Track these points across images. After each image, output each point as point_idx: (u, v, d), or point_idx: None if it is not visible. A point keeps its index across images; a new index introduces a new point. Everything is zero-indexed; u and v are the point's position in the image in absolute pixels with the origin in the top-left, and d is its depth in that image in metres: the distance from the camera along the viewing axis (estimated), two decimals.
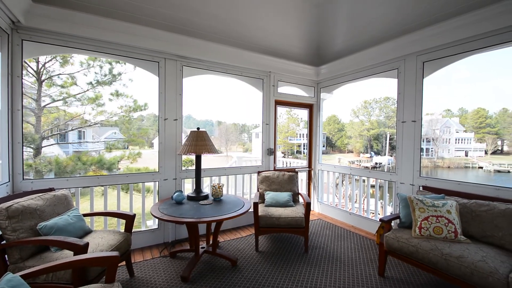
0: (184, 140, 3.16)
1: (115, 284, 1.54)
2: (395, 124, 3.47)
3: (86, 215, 2.49)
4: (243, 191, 4.26)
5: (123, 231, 2.42)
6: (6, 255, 1.88)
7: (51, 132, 7.66)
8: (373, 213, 4.00)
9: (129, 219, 2.43)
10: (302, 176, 4.98)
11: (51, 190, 2.44)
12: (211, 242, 2.95)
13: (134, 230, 3.04)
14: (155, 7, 3.01)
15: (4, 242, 1.85)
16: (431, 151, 29.03)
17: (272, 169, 4.33)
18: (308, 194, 4.98)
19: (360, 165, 28.84)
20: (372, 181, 3.93)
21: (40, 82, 6.94)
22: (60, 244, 1.80)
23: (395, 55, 3.37)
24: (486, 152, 28.27)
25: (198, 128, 3.06)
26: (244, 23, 3.65)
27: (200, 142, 2.90)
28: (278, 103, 4.46)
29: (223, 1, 3.25)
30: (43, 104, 7.17)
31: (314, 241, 3.43)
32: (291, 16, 3.83)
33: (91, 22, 2.71)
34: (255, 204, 3.05)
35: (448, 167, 27.64)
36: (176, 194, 2.83)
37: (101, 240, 2.13)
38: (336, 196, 4.65)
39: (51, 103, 7.32)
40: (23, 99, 2.58)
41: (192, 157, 3.41)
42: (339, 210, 4.34)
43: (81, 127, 8.17)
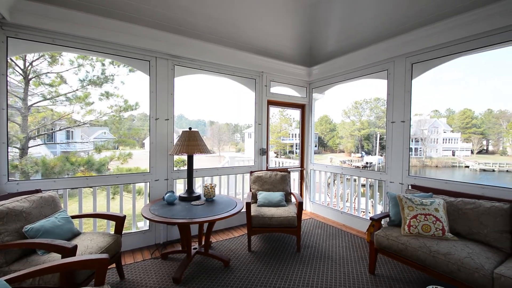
0: (175, 140, 3.13)
1: (105, 287, 1.51)
2: (385, 124, 3.53)
3: (74, 217, 2.43)
4: (235, 191, 4.26)
5: (113, 233, 2.38)
6: None
7: (38, 132, 7.45)
8: (363, 211, 4.07)
9: (119, 220, 2.39)
10: (295, 176, 5.01)
11: (37, 191, 2.38)
12: (203, 243, 2.93)
13: (124, 231, 2.99)
14: (146, 5, 2.98)
15: None
16: (420, 150, 29.72)
17: (265, 169, 4.34)
18: (301, 194, 5.01)
19: (351, 164, 29.22)
20: (363, 180, 3.99)
21: (27, 80, 6.73)
22: (47, 247, 1.76)
23: (385, 56, 3.43)
24: (472, 152, 29.13)
25: (190, 128, 3.04)
26: (237, 23, 3.65)
27: (192, 142, 2.88)
28: (271, 103, 4.47)
29: (216, 0, 3.24)
30: (30, 103, 6.96)
31: (306, 240, 3.45)
32: (284, 16, 3.86)
33: (80, 19, 2.65)
34: (248, 204, 3.05)
35: (436, 167, 28.35)
36: (167, 194, 2.80)
37: (90, 242, 2.09)
38: (328, 196, 4.70)
39: (38, 102, 7.11)
40: (8, 98, 2.50)
41: (184, 157, 3.38)
42: (331, 209, 4.39)
43: (69, 127, 7.97)
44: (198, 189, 5.39)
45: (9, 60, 2.53)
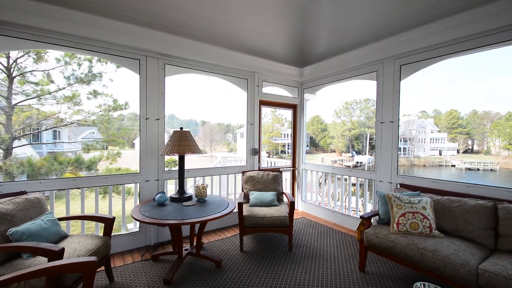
0: (166, 140, 3.09)
1: None
2: (375, 124, 3.60)
3: (61, 219, 2.37)
4: (227, 191, 4.24)
5: (102, 235, 2.33)
6: None
7: (23, 132, 7.21)
8: (354, 210, 4.13)
9: (108, 222, 2.34)
10: (287, 176, 5.03)
11: (22, 193, 2.30)
12: (195, 244, 2.91)
13: (113, 233, 2.95)
14: (136, 3, 2.93)
15: None
16: (408, 150, 30.45)
17: (257, 169, 4.34)
18: (292, 193, 5.04)
19: (342, 164, 29.63)
20: (354, 179, 4.06)
21: (11, 78, 6.51)
22: (33, 250, 1.70)
23: (374, 58, 3.49)
24: (458, 151, 30.06)
25: (182, 128, 3.01)
26: (229, 23, 3.64)
27: (183, 142, 2.86)
28: (263, 103, 4.48)
29: (209, 0, 3.22)
30: (14, 102, 6.73)
31: (298, 239, 3.48)
32: (276, 17, 3.87)
33: (66, 16, 2.59)
34: (240, 204, 3.04)
35: (424, 166, 29.10)
36: (158, 195, 2.77)
37: (78, 245, 2.04)
38: (319, 195, 4.74)
39: (23, 101, 6.88)
40: None
41: (176, 157, 3.34)
42: (322, 208, 4.44)
43: (56, 127, 7.75)
44: (190, 189, 5.34)
45: None
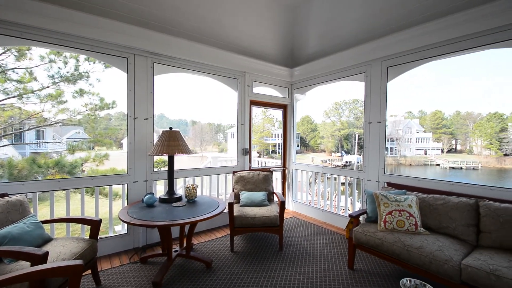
0: (155, 140, 3.05)
1: None
2: (363, 124, 3.67)
3: (45, 222, 2.29)
4: (218, 191, 4.22)
5: (88, 238, 2.27)
6: None
7: (5, 132, 6.93)
8: (343, 209, 4.19)
9: (94, 224, 2.28)
10: (277, 176, 5.06)
11: (4, 195, 2.21)
12: (184, 245, 2.88)
13: (100, 236, 2.87)
14: (124, 0, 2.87)
15: None
16: (395, 150, 31.23)
17: (247, 169, 4.34)
18: (283, 193, 5.07)
19: (332, 163, 30.04)
20: (343, 179, 4.12)
21: None
22: (15, 254, 1.64)
23: (362, 59, 3.56)
24: (442, 151, 31.07)
25: (171, 128, 2.97)
26: (220, 22, 3.62)
27: (172, 142, 2.82)
28: (253, 103, 4.48)
29: None
30: None
31: (289, 238, 3.50)
32: (266, 17, 3.89)
33: (51, 12, 2.50)
34: (230, 205, 3.03)
35: (410, 165, 29.92)
36: (147, 196, 2.72)
37: (62, 249, 1.98)
38: (310, 194, 4.79)
39: (4, 99, 6.60)
40: None
41: (165, 158, 3.30)
42: (312, 207, 4.49)
43: (39, 126, 7.48)
44: (180, 190, 5.28)
45: None
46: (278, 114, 5.48)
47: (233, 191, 3.78)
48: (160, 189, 3.65)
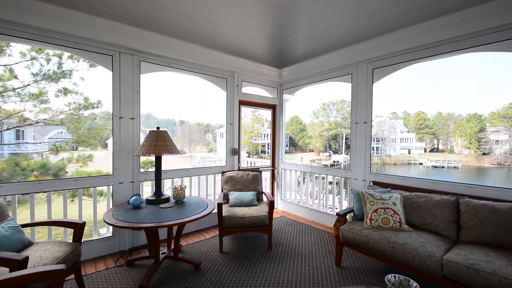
0: (142, 141, 2.98)
1: None
2: (350, 125, 3.74)
3: (25, 225, 2.20)
4: (207, 192, 4.19)
5: (72, 241, 2.19)
6: None
7: None
8: (331, 208, 4.26)
9: (78, 227, 2.21)
10: (266, 175, 5.07)
11: None
12: (172, 247, 2.84)
13: (85, 239, 2.79)
14: None
15: None
16: (381, 149, 32.05)
17: (237, 169, 4.33)
18: (272, 193, 5.10)
19: (320, 163, 30.46)
20: (331, 178, 4.19)
21: None
22: None
23: (349, 61, 3.63)
24: (425, 150, 32.16)
25: (158, 128, 2.92)
26: (208, 21, 3.59)
27: (160, 143, 2.77)
28: (242, 103, 4.48)
29: None
30: None
31: (278, 238, 3.52)
32: (256, 17, 3.89)
33: (32, 7, 2.40)
34: (219, 205, 3.02)
35: (395, 164, 30.79)
36: (133, 198, 2.66)
37: (44, 253, 1.90)
38: (298, 194, 4.84)
39: None
40: None
41: (152, 158, 3.24)
42: (301, 207, 4.53)
43: (19, 126, 7.15)
44: (167, 191, 5.19)
45: None
46: (267, 114, 5.50)
47: (222, 191, 3.76)
48: (147, 190, 3.58)
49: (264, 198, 3.84)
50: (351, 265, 2.78)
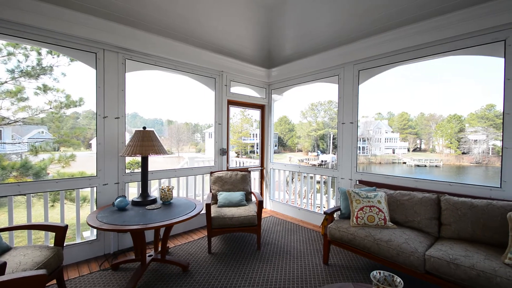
0: (128, 141, 2.91)
1: None
2: (337, 125, 3.81)
3: (2, 230, 2.09)
4: (195, 193, 4.14)
5: (53, 245, 2.11)
6: None
7: None
8: (319, 207, 4.32)
9: (59, 231, 2.13)
10: (255, 175, 5.08)
11: None
12: (159, 249, 2.79)
13: (67, 243, 2.70)
14: None
15: None
16: (366, 149, 32.83)
17: (225, 169, 4.31)
18: (261, 193, 5.11)
19: (308, 163, 30.81)
20: (318, 177, 4.25)
21: None
22: None
23: (336, 63, 3.70)
24: (408, 150, 33.23)
25: (145, 127, 2.87)
26: (197, 20, 3.55)
27: (146, 143, 2.72)
28: (231, 103, 4.46)
29: None
30: None
31: (266, 237, 3.53)
32: (244, 17, 3.89)
33: (7, 1, 2.29)
34: (208, 206, 2.99)
35: (380, 163, 31.63)
36: (118, 200, 2.59)
37: (23, 258, 1.82)
38: (287, 193, 4.88)
39: None
40: None
41: (139, 159, 3.17)
42: (290, 206, 4.57)
43: None
44: (154, 192, 5.10)
45: None
46: (256, 114, 5.50)
47: (210, 191, 3.73)
48: (133, 191, 3.50)
49: (253, 198, 3.84)
50: (338, 262, 2.83)
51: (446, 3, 2.65)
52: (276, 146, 37.09)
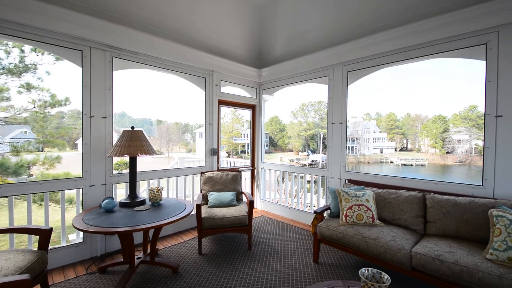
0: (115, 141, 2.85)
1: None
2: (327, 125, 3.86)
3: None
4: (185, 193, 4.10)
5: (37, 249, 2.04)
6: None
7: None
8: (309, 206, 4.36)
9: (43, 234, 2.06)
10: (246, 175, 5.07)
11: None
12: (148, 251, 2.74)
13: (52, 246, 2.61)
14: None
15: None
16: (355, 149, 33.42)
17: (216, 169, 4.29)
18: (252, 193, 5.11)
19: (299, 163, 31.06)
20: (309, 177, 4.29)
21: None
22: None
23: (325, 63, 3.74)
24: (395, 149, 34.05)
25: (133, 127, 2.81)
26: (187, 19, 3.52)
27: (134, 143, 2.67)
28: (222, 103, 4.44)
29: None
30: None
31: (257, 237, 3.54)
32: (235, 17, 3.88)
33: None
34: (198, 206, 2.97)
35: (368, 163, 32.27)
36: (105, 201, 2.53)
37: (5, 263, 1.75)
38: (278, 193, 4.90)
39: None
40: None
41: (127, 159, 3.11)
42: (280, 206, 4.59)
43: None
44: (143, 193, 5.01)
45: None
46: (247, 114, 5.49)
47: (201, 192, 3.70)
48: (121, 193, 3.43)
49: (244, 198, 3.84)
50: (328, 261, 2.86)
51: (431, 7, 2.73)
52: (267, 146, 37.20)
